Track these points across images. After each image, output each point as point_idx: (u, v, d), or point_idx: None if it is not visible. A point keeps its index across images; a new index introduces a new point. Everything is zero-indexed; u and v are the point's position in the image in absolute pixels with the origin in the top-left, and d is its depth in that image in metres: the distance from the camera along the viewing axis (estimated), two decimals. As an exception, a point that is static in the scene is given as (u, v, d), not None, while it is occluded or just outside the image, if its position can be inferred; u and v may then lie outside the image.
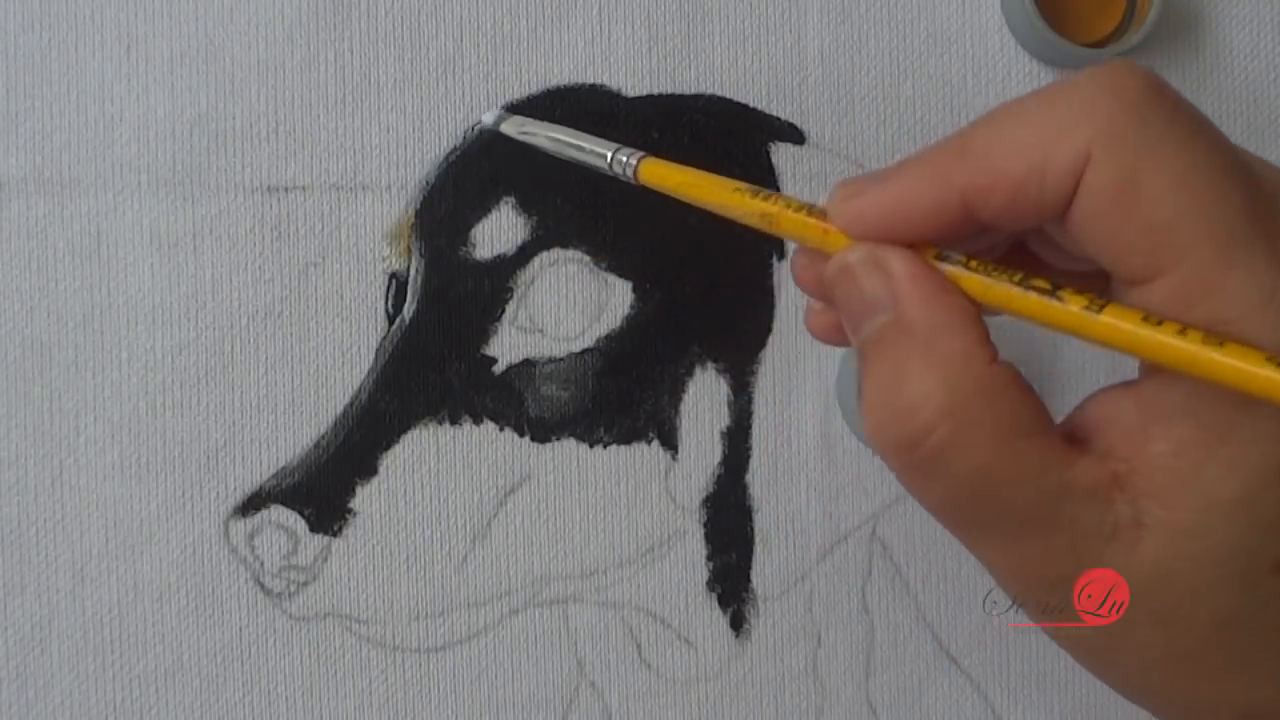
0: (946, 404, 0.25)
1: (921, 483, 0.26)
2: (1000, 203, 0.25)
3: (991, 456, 0.25)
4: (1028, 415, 0.26)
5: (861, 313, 0.27)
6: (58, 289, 0.40)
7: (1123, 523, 0.25)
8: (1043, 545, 0.26)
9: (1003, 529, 0.26)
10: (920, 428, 0.25)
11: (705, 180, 0.31)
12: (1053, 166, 0.25)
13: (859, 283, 0.27)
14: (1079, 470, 0.25)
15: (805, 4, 0.43)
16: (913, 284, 0.26)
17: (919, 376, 0.26)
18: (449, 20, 0.42)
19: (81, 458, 0.41)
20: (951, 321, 0.26)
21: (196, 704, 0.41)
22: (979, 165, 0.25)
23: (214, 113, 0.41)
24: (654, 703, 0.43)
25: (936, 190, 0.26)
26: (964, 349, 0.25)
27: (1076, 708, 0.45)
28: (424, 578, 0.42)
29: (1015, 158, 0.25)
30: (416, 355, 0.41)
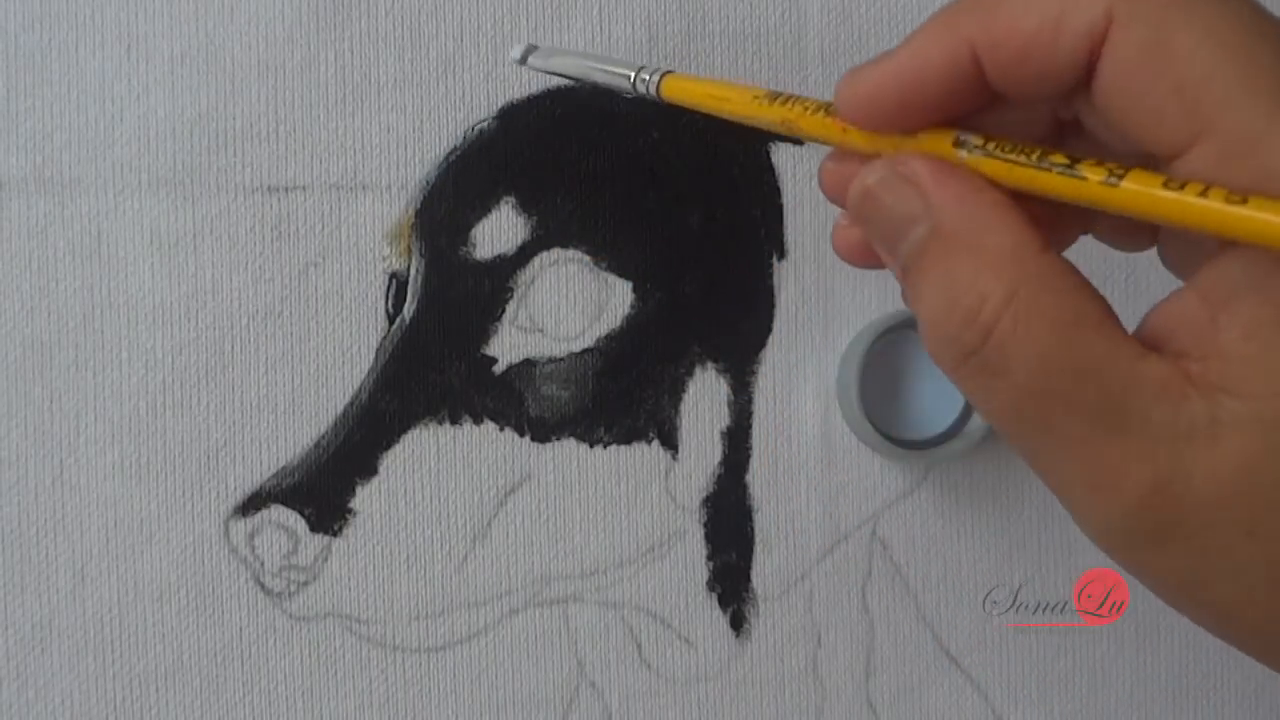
0: (1004, 296, 0.24)
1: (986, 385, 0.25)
2: (1010, 61, 0.24)
3: (1054, 346, 0.24)
4: (1090, 306, 0.24)
5: (895, 232, 0.26)
6: (58, 289, 0.40)
7: (1199, 421, 0.23)
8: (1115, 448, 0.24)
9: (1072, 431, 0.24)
10: (982, 328, 0.24)
11: (726, 90, 0.31)
12: (1068, 25, 0.23)
13: (885, 201, 0.26)
14: (1149, 365, 0.23)
15: (805, 4, 0.43)
16: (942, 188, 0.25)
17: (971, 277, 0.24)
18: (449, 20, 0.42)
19: (81, 458, 0.41)
20: (991, 216, 0.25)
21: (196, 704, 0.41)
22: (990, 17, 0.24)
23: (214, 113, 0.41)
24: (654, 703, 0.43)
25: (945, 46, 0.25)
26: (1012, 241, 0.24)
27: (1076, 708, 0.45)
28: (424, 578, 0.42)
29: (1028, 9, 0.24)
30: (416, 355, 0.41)
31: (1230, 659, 0.46)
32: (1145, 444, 0.23)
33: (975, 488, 0.44)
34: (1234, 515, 0.23)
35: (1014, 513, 0.44)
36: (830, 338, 0.43)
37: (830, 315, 0.43)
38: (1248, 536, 0.23)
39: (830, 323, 0.43)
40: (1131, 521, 0.24)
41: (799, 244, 0.43)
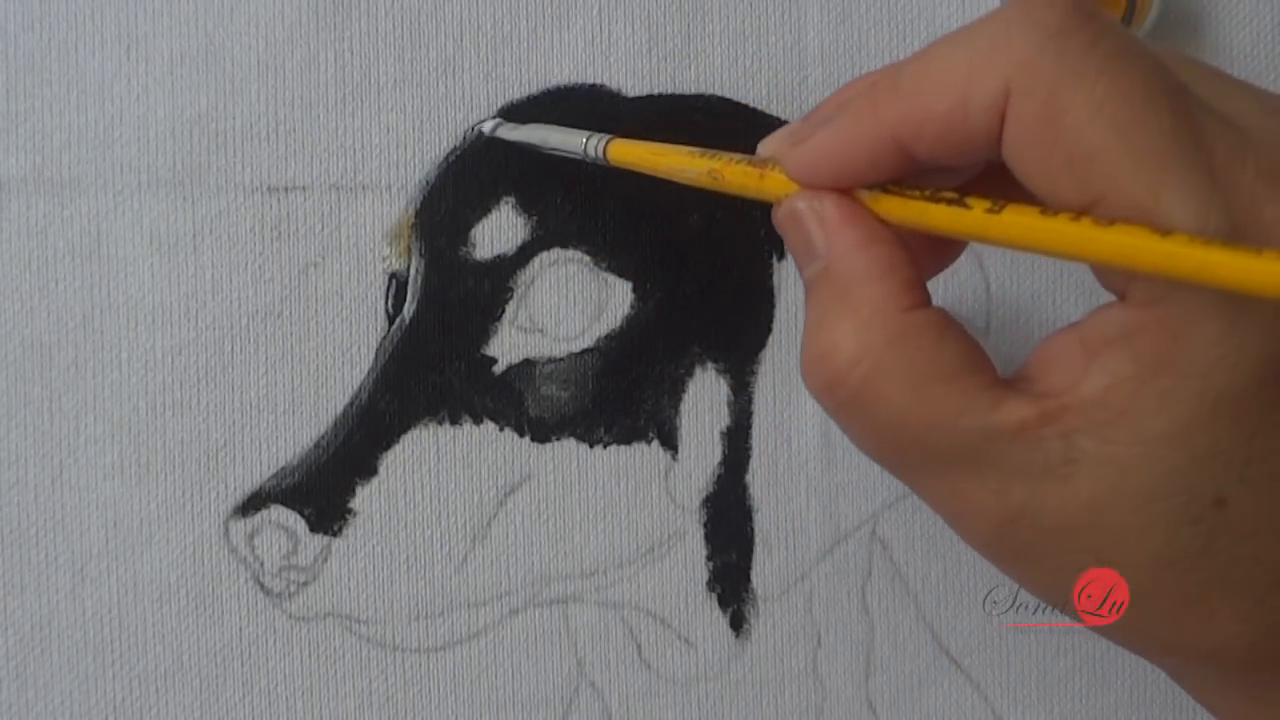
0: (856, 351, 0.26)
1: (848, 425, 0.27)
2: (930, 139, 0.26)
3: (907, 402, 0.26)
4: (947, 360, 0.26)
5: (802, 258, 0.28)
6: (58, 289, 0.40)
7: (1053, 460, 0.25)
8: (972, 487, 0.26)
9: (931, 471, 0.26)
10: (838, 372, 0.26)
11: (662, 151, 0.34)
12: (975, 102, 0.25)
13: (801, 228, 0.28)
14: (1004, 411, 0.25)
15: (805, 4, 0.43)
16: (839, 233, 0.27)
17: (834, 323, 0.26)
18: (449, 20, 0.42)
19: (81, 458, 0.41)
20: (872, 270, 0.26)
21: (196, 704, 0.41)
22: (908, 103, 0.26)
23: (214, 113, 0.41)
24: (654, 703, 0.43)
25: (869, 133, 0.26)
26: (880, 297, 0.26)
27: (1076, 708, 0.45)
28: (424, 578, 0.42)
29: (939, 94, 0.25)
30: (416, 355, 0.41)
31: (1230, 659, 0.46)
32: (1000, 482, 0.25)
33: (975, 488, 0.44)
34: (1084, 544, 0.25)
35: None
36: (830, 338, 0.43)
37: (830, 315, 0.43)
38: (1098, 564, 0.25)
39: (830, 323, 0.43)
40: (993, 544, 0.27)
41: (799, 244, 0.43)
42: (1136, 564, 0.25)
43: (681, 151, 0.33)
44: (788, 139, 0.29)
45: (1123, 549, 0.25)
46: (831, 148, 0.27)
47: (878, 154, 0.26)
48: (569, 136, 0.38)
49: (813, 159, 0.27)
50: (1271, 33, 0.45)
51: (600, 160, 0.37)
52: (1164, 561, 0.25)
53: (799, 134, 0.28)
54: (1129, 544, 0.25)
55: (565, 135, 0.38)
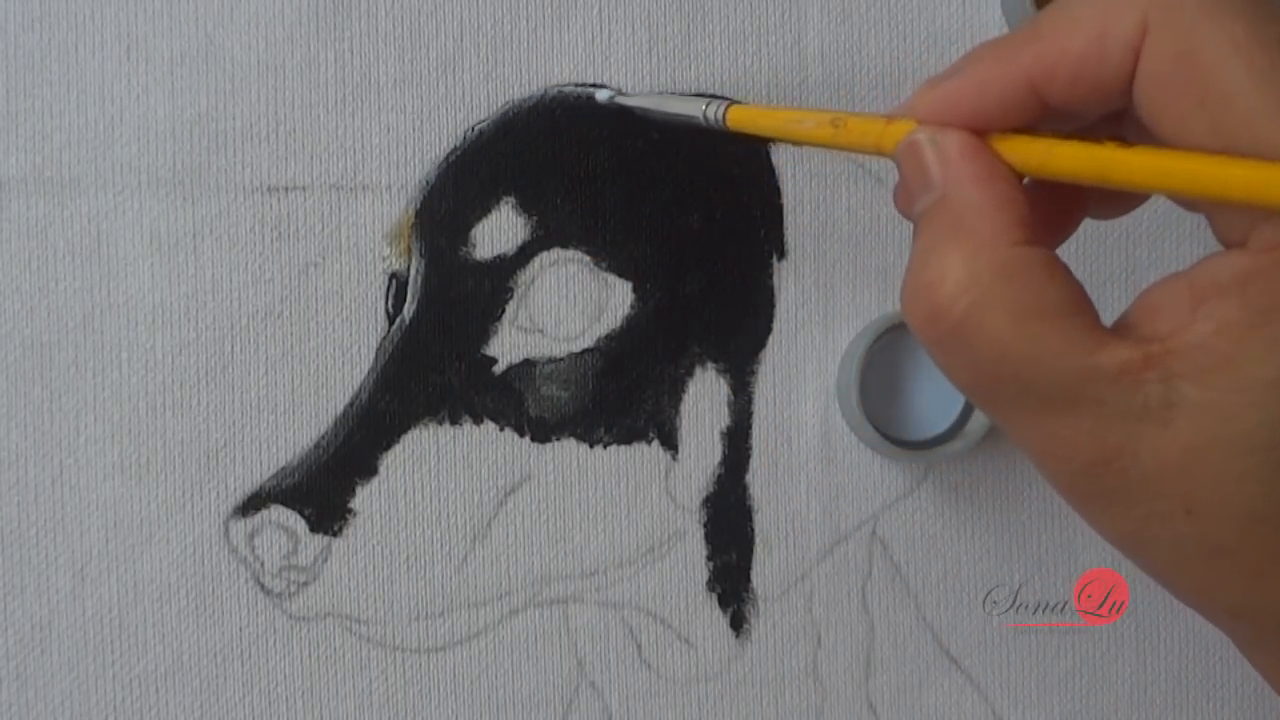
0: (964, 280, 0.26)
1: (947, 358, 0.27)
2: (1064, 81, 0.25)
3: (1010, 335, 0.25)
4: (1053, 298, 0.26)
5: (917, 189, 0.28)
6: (58, 289, 0.40)
7: (1152, 403, 0.24)
8: (1067, 426, 0.25)
9: (1026, 407, 0.26)
10: (940, 303, 0.26)
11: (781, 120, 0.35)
12: (1111, 40, 0.25)
13: (920, 159, 0.28)
14: (1107, 352, 0.25)
15: (805, 4, 0.43)
16: (958, 167, 0.27)
17: (944, 253, 0.26)
18: (449, 20, 0.42)
19: (81, 458, 0.41)
20: (986, 203, 0.26)
21: (196, 704, 0.41)
22: (1044, 44, 0.26)
23: (214, 113, 0.41)
24: (654, 703, 0.43)
25: (1003, 74, 0.26)
26: (992, 230, 0.26)
27: (1076, 708, 0.45)
28: (424, 578, 0.42)
29: (1077, 31, 0.25)
30: (416, 355, 0.41)
31: (1230, 659, 0.46)
32: (1097, 422, 0.25)
33: (975, 488, 0.44)
34: (1175, 492, 0.25)
35: (1014, 513, 0.44)
36: (830, 338, 0.43)
37: (830, 315, 0.43)
38: (1186, 514, 0.25)
39: (830, 323, 0.43)
40: (1080, 484, 0.26)
41: (799, 244, 0.43)
42: (1225, 516, 0.25)
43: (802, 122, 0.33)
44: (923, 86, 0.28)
45: (1213, 499, 0.25)
46: (963, 90, 0.27)
47: (1010, 97, 0.26)
48: (687, 104, 0.39)
49: (943, 100, 0.27)
50: (1271, 33, 0.45)
51: (719, 125, 0.37)
52: (1254, 516, 0.25)
53: (929, 83, 0.28)
54: (1221, 494, 0.25)
55: (683, 102, 0.39)
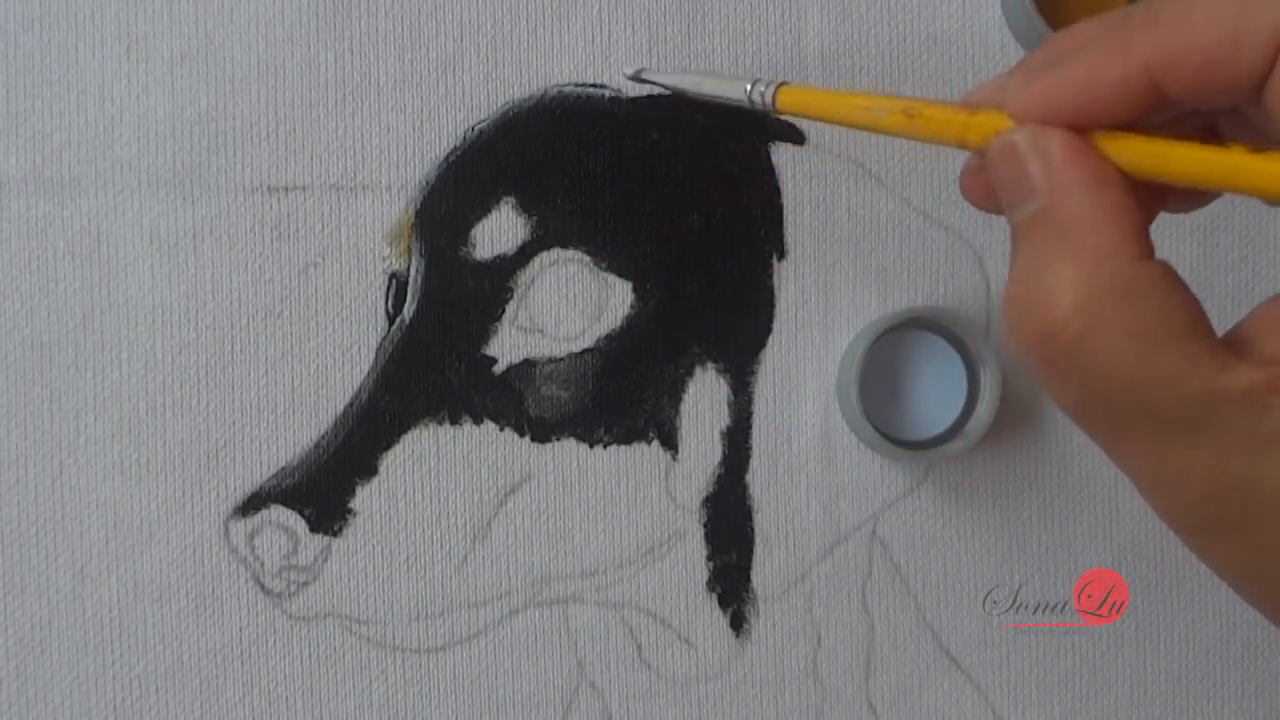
0: (1081, 299, 0.24)
1: (1057, 379, 0.25)
2: (1188, 75, 0.24)
3: (1130, 358, 0.24)
4: (1174, 318, 0.24)
5: (1017, 195, 0.26)
6: (58, 289, 0.40)
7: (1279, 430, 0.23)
8: (1185, 454, 0.24)
9: (1141, 432, 0.25)
10: (1054, 321, 0.25)
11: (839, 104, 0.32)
12: (1248, 35, 0.23)
13: (1020, 163, 0.26)
14: (1231, 376, 0.24)
15: (805, 4, 0.43)
16: (1068, 172, 0.25)
17: (1058, 268, 0.25)
18: (449, 20, 0.42)
19: (81, 458, 0.41)
20: (1099, 214, 0.25)
21: (196, 704, 0.41)
22: (1167, 36, 0.24)
23: (214, 113, 0.41)
24: (654, 703, 0.43)
25: (1119, 65, 0.25)
26: (1108, 244, 0.25)
27: (1076, 708, 0.45)
28: (424, 578, 0.42)
29: (1207, 26, 0.24)
30: (416, 355, 0.41)
31: (1230, 659, 0.46)
32: (1218, 450, 0.24)
33: (975, 488, 0.44)
34: None
35: (1014, 513, 0.44)
36: (830, 338, 0.43)
37: (830, 315, 0.43)
38: None
39: (830, 323, 0.43)
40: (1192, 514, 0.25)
41: (799, 244, 0.43)
42: None
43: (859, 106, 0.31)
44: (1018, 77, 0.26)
45: None
46: (1073, 82, 0.25)
47: (1125, 90, 0.25)
48: (728, 85, 0.36)
49: (1049, 94, 0.25)
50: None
51: (767, 108, 0.35)
52: None
53: (1027, 75, 0.26)
54: None
55: (724, 83, 0.37)
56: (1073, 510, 0.44)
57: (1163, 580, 0.45)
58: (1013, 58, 0.44)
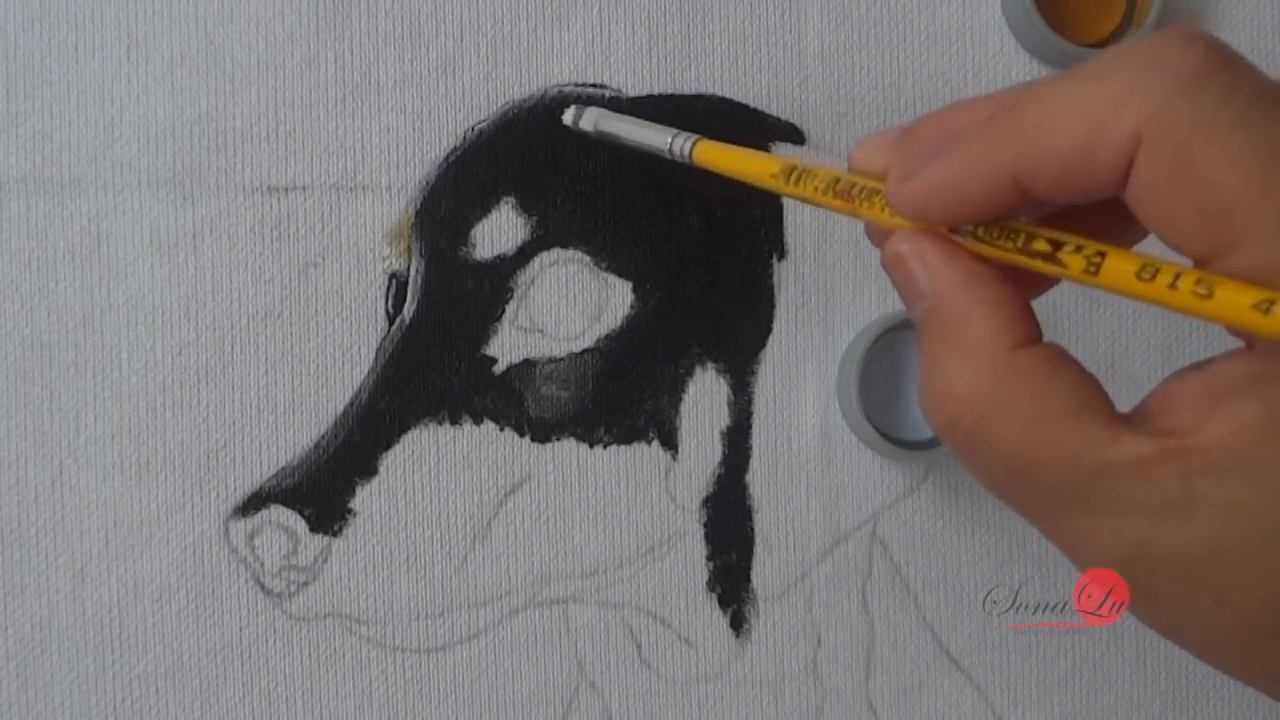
0: (967, 394, 0.26)
1: (967, 463, 0.27)
2: (1049, 179, 0.25)
3: (1020, 441, 0.25)
4: (1060, 397, 0.26)
5: (909, 297, 0.28)
6: (58, 289, 0.40)
7: (1171, 499, 0.24)
8: (1088, 523, 0.26)
9: (1049, 506, 0.26)
10: (952, 415, 0.26)
11: (749, 163, 0.34)
12: (1102, 146, 0.24)
13: (906, 270, 0.28)
14: (1121, 447, 0.25)
15: (805, 4, 0.43)
16: (940, 274, 0.27)
17: (945, 365, 0.26)
18: (449, 20, 0.42)
19: (81, 458, 0.41)
20: (973, 308, 0.26)
21: (196, 704, 0.41)
22: (1025, 143, 0.25)
23: (214, 113, 0.41)
24: (654, 703, 0.43)
25: (985, 169, 0.26)
26: (985, 336, 0.26)
27: (1076, 708, 0.45)
28: (424, 578, 0.42)
29: (1064, 134, 0.25)
30: (416, 355, 0.41)
31: (1230, 659, 0.46)
32: (1116, 519, 0.25)
33: (975, 488, 0.44)
34: (1202, 584, 0.25)
35: (1014, 513, 0.44)
36: (830, 338, 0.43)
37: (830, 315, 0.43)
38: (1217, 603, 0.25)
39: (830, 323, 0.43)
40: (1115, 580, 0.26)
41: (799, 244, 0.43)
42: (1260, 604, 0.25)
43: (768, 169, 0.32)
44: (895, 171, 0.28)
45: (1244, 591, 0.25)
46: (943, 183, 0.27)
47: (992, 191, 0.26)
48: (654, 133, 0.38)
49: (923, 195, 0.27)
50: (1271, 33, 0.45)
51: (685, 159, 0.37)
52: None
53: (904, 168, 0.27)
54: (1250, 587, 0.25)
55: (649, 131, 0.38)
56: None
57: (1163, 580, 0.45)
58: (1013, 58, 0.44)
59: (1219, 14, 0.45)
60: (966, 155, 0.26)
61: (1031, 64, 0.44)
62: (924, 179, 0.27)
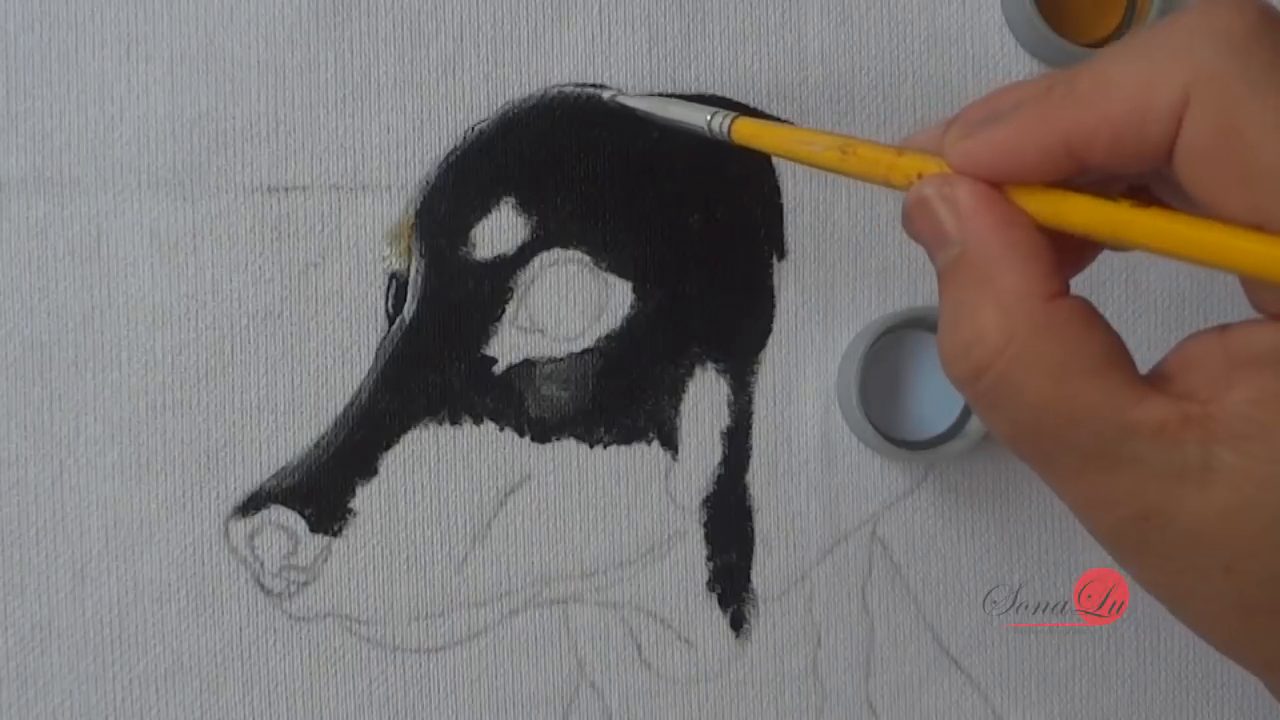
0: (999, 341, 0.25)
1: (987, 414, 0.27)
2: (1103, 146, 0.25)
3: (1048, 394, 0.25)
4: (1091, 352, 0.25)
5: (934, 244, 0.27)
6: (58, 289, 0.40)
7: (1191, 465, 0.24)
8: (1106, 482, 0.26)
9: (1066, 462, 0.26)
10: (977, 363, 0.26)
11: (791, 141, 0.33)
12: (1153, 109, 0.24)
13: (931, 214, 0.27)
14: (1145, 409, 0.25)
15: (805, 4, 0.43)
16: (976, 218, 0.26)
17: (975, 312, 0.26)
18: (449, 20, 0.42)
19: (81, 458, 0.41)
20: (1010, 256, 0.26)
21: (196, 704, 0.41)
22: (1082, 108, 0.25)
23: (214, 113, 0.41)
24: (654, 703, 0.43)
25: (1041, 133, 0.26)
26: (1021, 285, 0.26)
27: (1076, 708, 0.45)
28: (424, 578, 0.42)
29: (1117, 99, 0.25)
30: (416, 355, 0.41)
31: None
32: (1135, 479, 0.25)
33: (975, 488, 0.44)
34: (1213, 551, 0.25)
35: (1014, 513, 0.44)
36: (830, 338, 0.43)
37: (830, 315, 0.43)
38: (1224, 572, 0.25)
39: (830, 323, 0.43)
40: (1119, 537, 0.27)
41: (799, 244, 0.43)
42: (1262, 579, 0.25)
43: (812, 136, 0.32)
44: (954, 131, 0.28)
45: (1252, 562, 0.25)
46: (1000, 145, 0.26)
47: (1046, 157, 0.26)
48: (692, 111, 0.38)
49: (979, 153, 0.27)
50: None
51: (723, 137, 0.36)
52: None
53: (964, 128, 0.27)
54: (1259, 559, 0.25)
55: (688, 109, 0.38)
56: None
57: (1163, 580, 0.45)
58: (1013, 58, 0.44)
59: (1219, 14, 0.45)
60: (1024, 121, 0.26)
61: (1031, 64, 0.44)
62: (981, 138, 0.27)
